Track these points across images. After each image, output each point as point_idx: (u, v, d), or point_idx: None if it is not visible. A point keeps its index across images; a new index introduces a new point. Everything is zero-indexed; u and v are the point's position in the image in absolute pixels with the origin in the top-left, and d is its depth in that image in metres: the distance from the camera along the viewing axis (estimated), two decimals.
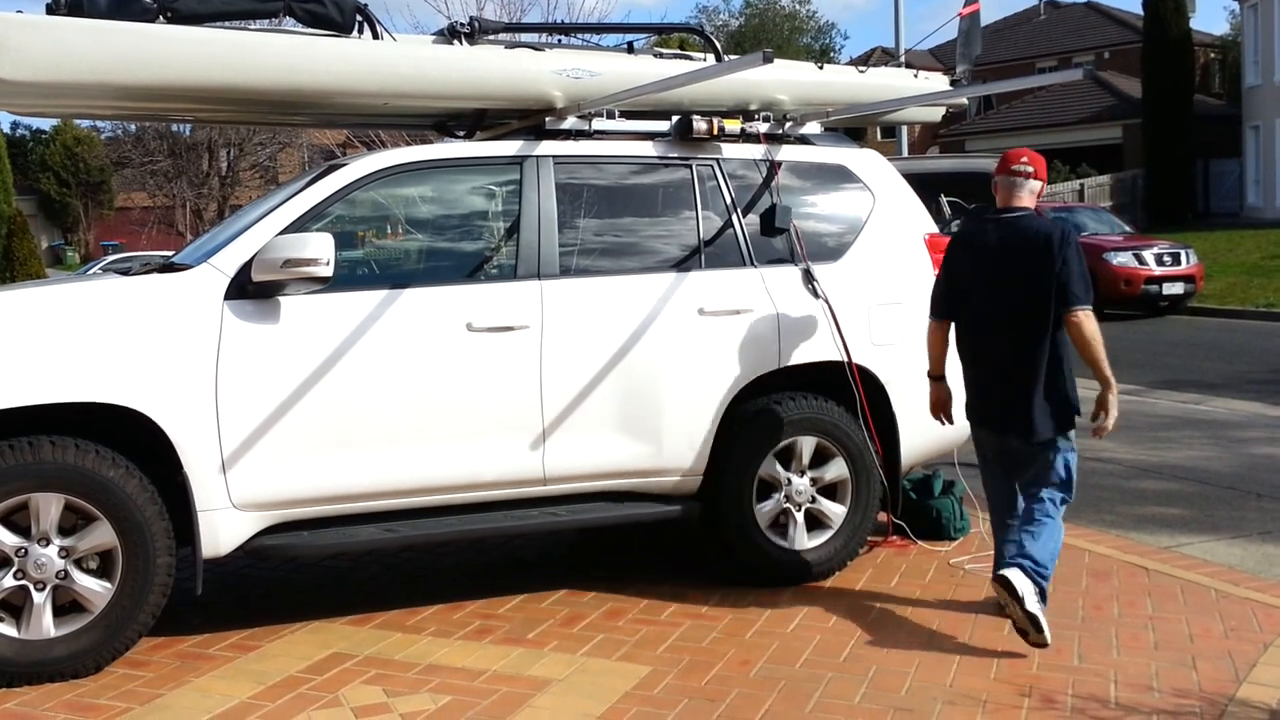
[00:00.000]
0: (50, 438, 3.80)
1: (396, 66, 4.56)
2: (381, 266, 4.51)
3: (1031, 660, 3.95)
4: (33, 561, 3.80)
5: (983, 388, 4.33)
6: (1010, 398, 4.18)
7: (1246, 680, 3.76)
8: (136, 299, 4.03)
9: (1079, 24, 41.00)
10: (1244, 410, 9.10)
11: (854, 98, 5.39)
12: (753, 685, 3.77)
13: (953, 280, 4.39)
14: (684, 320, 4.64)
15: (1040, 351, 4.11)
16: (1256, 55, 30.98)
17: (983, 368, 4.31)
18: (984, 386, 4.32)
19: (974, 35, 6.20)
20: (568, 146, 4.73)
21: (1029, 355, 4.13)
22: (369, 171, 4.39)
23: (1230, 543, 5.40)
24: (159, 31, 4.22)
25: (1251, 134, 30.74)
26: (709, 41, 5.57)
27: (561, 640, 4.21)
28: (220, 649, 4.17)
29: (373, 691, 3.76)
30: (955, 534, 5.46)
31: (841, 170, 5.16)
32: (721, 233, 4.84)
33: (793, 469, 4.84)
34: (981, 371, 4.32)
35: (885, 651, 4.05)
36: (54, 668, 3.82)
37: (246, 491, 4.05)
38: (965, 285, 4.33)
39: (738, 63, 4.41)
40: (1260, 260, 20.76)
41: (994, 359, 4.25)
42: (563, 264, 4.56)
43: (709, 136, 4.86)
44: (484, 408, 4.35)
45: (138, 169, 32.17)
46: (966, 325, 4.38)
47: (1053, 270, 4.06)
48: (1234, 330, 14.68)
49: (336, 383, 4.13)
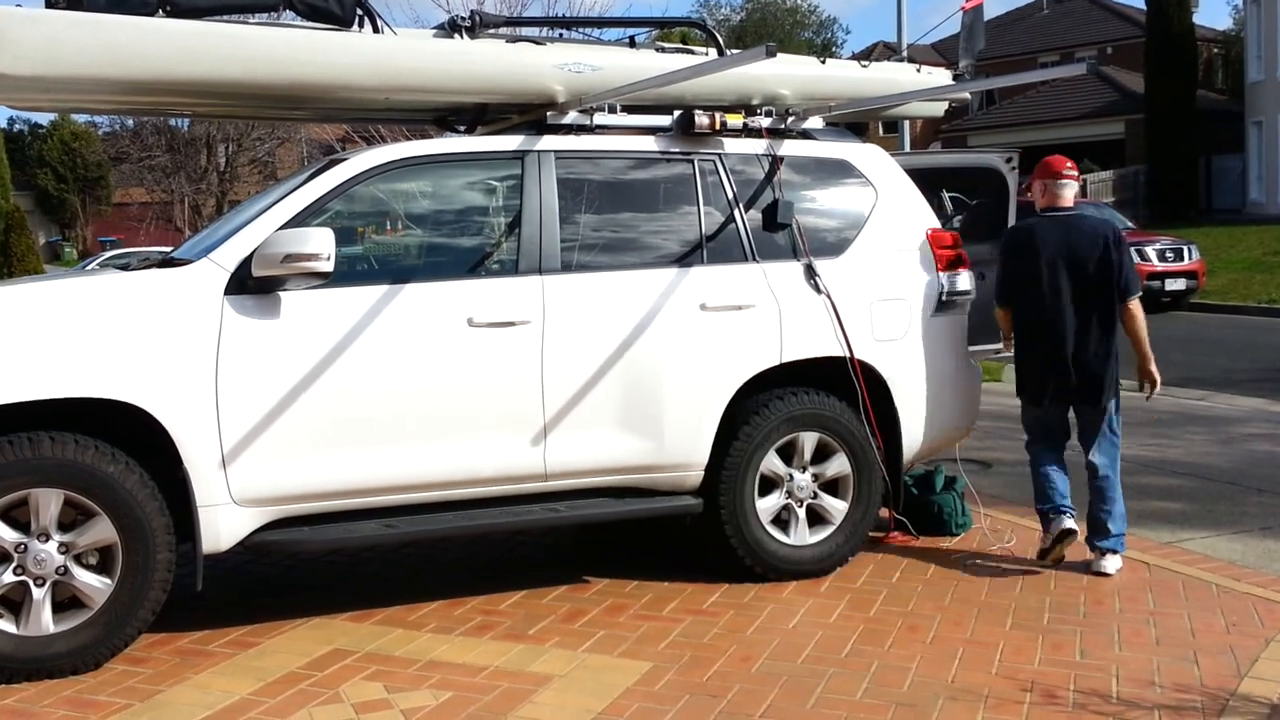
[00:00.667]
0: (50, 433, 3.80)
1: (397, 60, 4.54)
2: (382, 261, 4.50)
3: (1033, 655, 3.94)
4: (32, 557, 3.79)
5: (1053, 364, 4.87)
6: (1082, 372, 4.83)
7: (1248, 675, 3.76)
8: (136, 294, 4.02)
9: (1082, 19, 40.92)
10: (1245, 406, 9.09)
11: (856, 92, 5.37)
12: (754, 681, 3.77)
13: (1017, 272, 4.97)
14: (686, 315, 4.63)
15: (1108, 332, 4.83)
16: (1260, 50, 30.89)
17: (1053, 346, 4.86)
18: (1055, 363, 4.86)
19: (977, 30, 6.19)
20: (569, 141, 4.71)
21: (1100, 335, 4.83)
22: (369, 166, 4.37)
23: (1231, 538, 5.39)
24: (158, 25, 4.20)
25: (1254, 130, 30.67)
26: (711, 36, 5.55)
27: (563, 636, 4.21)
28: (220, 645, 4.16)
29: (373, 688, 3.75)
30: (957, 530, 5.45)
31: (844, 165, 5.14)
32: (723, 228, 4.83)
33: (794, 465, 4.83)
34: (1051, 350, 4.86)
35: (887, 647, 4.05)
36: (53, 664, 3.82)
37: (247, 487, 4.04)
38: (1030, 276, 4.89)
39: (740, 57, 4.40)
40: (1262, 256, 20.74)
41: (1065, 339, 4.83)
42: (564, 259, 4.55)
43: (711, 131, 4.84)
44: (485, 403, 4.34)
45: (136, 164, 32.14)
46: (1033, 310, 4.92)
47: (1112, 263, 4.79)
48: (1236, 326, 14.67)
49: (337, 378, 4.12)
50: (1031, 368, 4.99)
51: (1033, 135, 31.63)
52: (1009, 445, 7.61)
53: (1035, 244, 4.90)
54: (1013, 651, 3.98)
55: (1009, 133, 33.34)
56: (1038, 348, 4.94)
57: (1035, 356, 4.96)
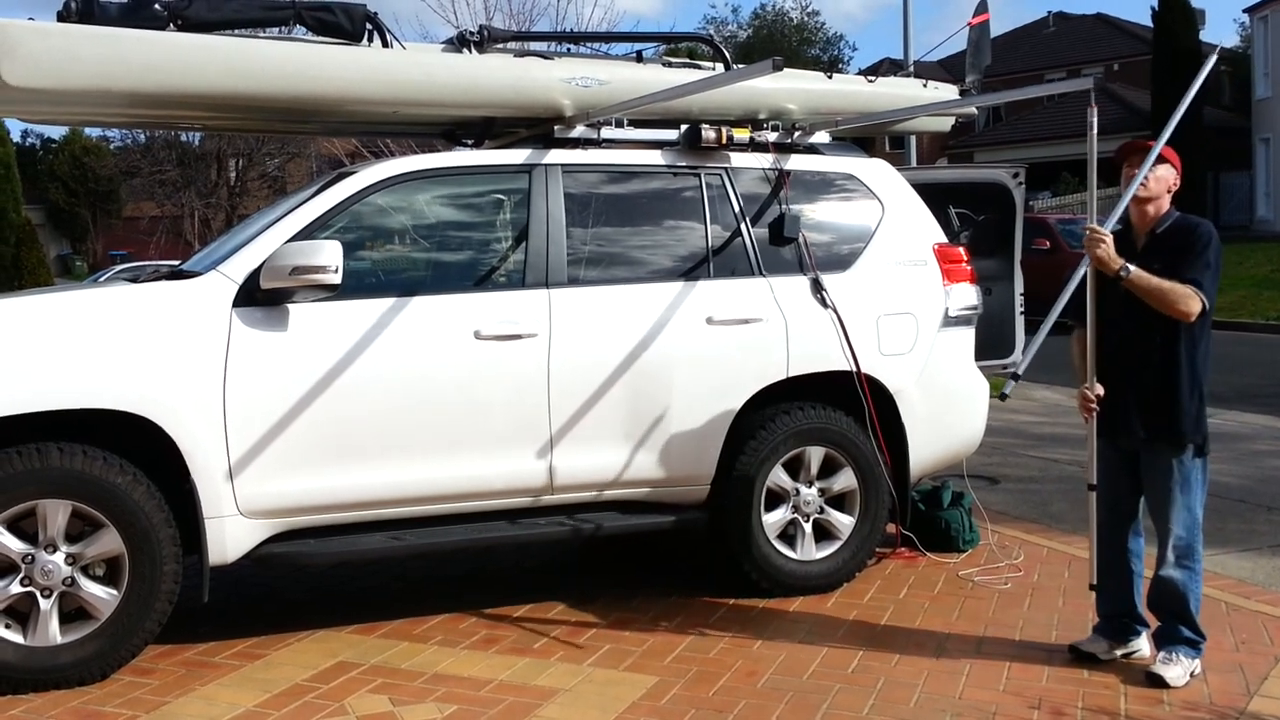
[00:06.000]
0: (58, 444, 3.80)
1: (406, 74, 4.57)
2: (390, 274, 4.51)
3: (1041, 672, 3.92)
4: (39, 568, 3.79)
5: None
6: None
7: (1257, 694, 3.73)
8: (145, 306, 4.04)
9: (1088, 36, 40.98)
10: (1255, 423, 9.05)
11: (863, 107, 5.38)
12: (760, 696, 3.75)
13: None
14: (692, 329, 4.63)
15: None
16: (1267, 67, 30.94)
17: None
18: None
19: (983, 46, 6.20)
20: (576, 155, 4.73)
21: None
22: (378, 179, 4.39)
23: (1241, 555, 5.36)
24: (169, 39, 4.23)
25: (1261, 146, 30.68)
26: (718, 51, 5.57)
27: (568, 650, 4.20)
28: (226, 657, 4.16)
29: (378, 700, 3.74)
30: (964, 546, 5.43)
31: (850, 179, 5.15)
32: (730, 242, 4.83)
33: (801, 479, 4.82)
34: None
35: (893, 663, 4.03)
36: (60, 675, 3.82)
37: (253, 499, 4.04)
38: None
39: (747, 71, 4.41)
40: (1270, 273, 20.69)
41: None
42: (571, 272, 4.56)
43: (718, 145, 4.85)
44: (491, 416, 4.34)
45: (146, 179, 32.23)
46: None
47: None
48: (1245, 343, 14.61)
49: (344, 390, 4.13)
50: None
51: (1039, 151, 31.62)
52: (1016, 461, 7.59)
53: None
54: (1020, 668, 3.96)
55: (1015, 149, 33.34)
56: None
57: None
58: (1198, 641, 3.86)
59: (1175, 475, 3.82)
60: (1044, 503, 6.41)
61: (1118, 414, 3.87)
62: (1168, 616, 3.88)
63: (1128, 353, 3.86)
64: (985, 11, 6.14)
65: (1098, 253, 3.76)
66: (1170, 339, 3.80)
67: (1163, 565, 3.85)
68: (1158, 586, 3.88)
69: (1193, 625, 3.85)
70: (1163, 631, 3.91)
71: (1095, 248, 3.76)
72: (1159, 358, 3.82)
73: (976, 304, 5.20)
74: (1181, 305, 3.71)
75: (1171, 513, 3.82)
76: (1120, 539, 3.97)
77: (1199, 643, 3.87)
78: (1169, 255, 3.81)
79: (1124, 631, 4.02)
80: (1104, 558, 3.99)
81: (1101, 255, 3.75)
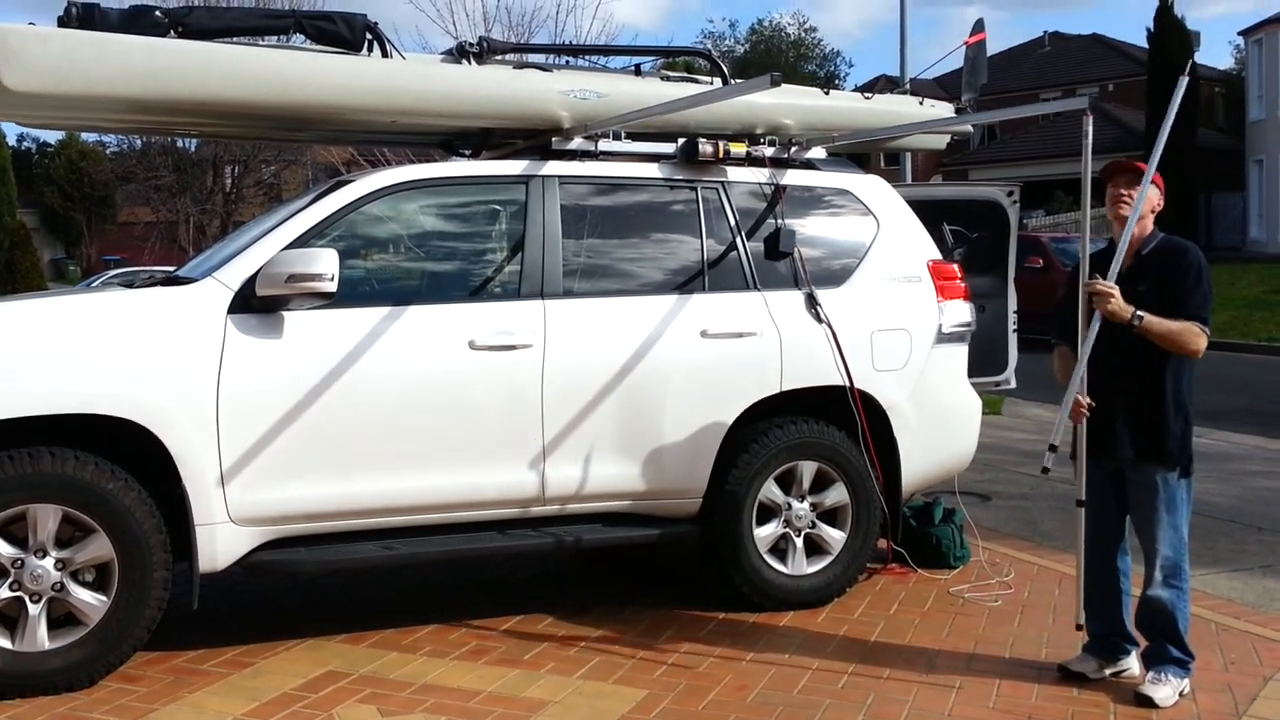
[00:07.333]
0: (50, 449, 3.79)
1: (405, 84, 4.58)
2: (385, 283, 4.51)
3: (1031, 690, 3.92)
4: (29, 573, 3.78)
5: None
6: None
7: (1246, 714, 3.73)
8: (139, 311, 4.03)
9: (1083, 56, 41.19)
10: (1246, 443, 9.08)
11: (860, 123, 5.41)
12: (749, 711, 3.75)
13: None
14: (686, 342, 4.64)
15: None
16: (1261, 90, 31.14)
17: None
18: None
19: (979, 64, 6.25)
20: (573, 167, 4.74)
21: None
22: (375, 188, 4.40)
23: (1231, 576, 5.37)
24: (170, 46, 4.24)
25: (1255, 168, 30.86)
26: (716, 65, 5.59)
27: (558, 662, 4.19)
28: (215, 665, 4.14)
29: (367, 711, 3.73)
30: (955, 562, 5.43)
31: (846, 195, 5.17)
32: (725, 255, 4.85)
33: (793, 494, 4.83)
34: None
35: (883, 679, 4.03)
36: (47, 680, 3.80)
37: (245, 506, 4.04)
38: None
39: (745, 85, 4.43)
40: (1263, 294, 20.78)
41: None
42: (566, 284, 4.57)
43: (714, 159, 4.86)
44: (484, 426, 4.34)
45: (142, 184, 32.17)
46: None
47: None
48: (1236, 364, 14.65)
49: (338, 398, 4.13)
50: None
51: (1034, 170, 31.76)
52: (1008, 478, 7.60)
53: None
54: (1010, 686, 3.96)
55: (1010, 167, 33.49)
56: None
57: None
58: (1186, 661, 3.85)
59: (1161, 495, 3.83)
60: (1035, 520, 6.42)
61: (1105, 434, 3.88)
62: (1156, 636, 3.88)
63: (1117, 375, 3.87)
64: (982, 31, 6.19)
65: (1109, 308, 3.76)
66: (1159, 362, 3.82)
67: (1150, 585, 3.85)
68: (1146, 606, 3.88)
69: (1181, 645, 3.85)
70: (1151, 651, 3.90)
71: (1105, 304, 3.76)
72: (1149, 380, 3.83)
73: (970, 321, 5.22)
74: (1192, 345, 3.76)
75: (1158, 532, 3.83)
76: (1108, 558, 3.98)
77: (1188, 662, 3.85)
78: (1155, 278, 3.83)
79: (1113, 650, 4.02)
80: (1091, 577, 4.00)
81: (1113, 309, 3.76)
